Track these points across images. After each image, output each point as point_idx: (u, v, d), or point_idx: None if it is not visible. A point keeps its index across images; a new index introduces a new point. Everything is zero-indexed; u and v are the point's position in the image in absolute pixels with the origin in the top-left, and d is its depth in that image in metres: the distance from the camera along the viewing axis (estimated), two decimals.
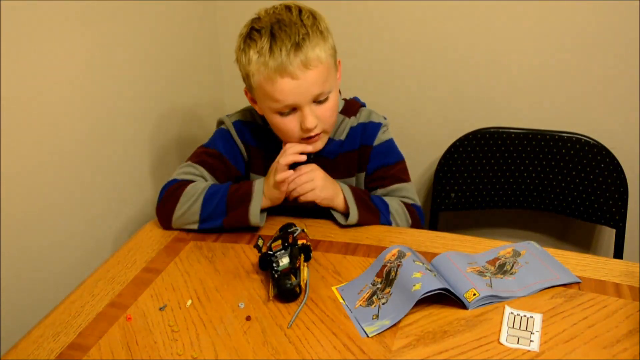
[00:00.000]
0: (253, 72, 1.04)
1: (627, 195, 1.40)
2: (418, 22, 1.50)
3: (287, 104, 1.04)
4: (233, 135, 1.20)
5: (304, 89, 1.02)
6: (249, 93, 1.13)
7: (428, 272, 0.91)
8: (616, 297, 0.91)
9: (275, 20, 1.03)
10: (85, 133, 1.20)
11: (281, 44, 1.00)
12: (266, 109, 1.08)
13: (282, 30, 1.02)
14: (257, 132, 1.21)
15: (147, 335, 0.87)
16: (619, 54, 1.38)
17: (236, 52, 1.09)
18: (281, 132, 1.10)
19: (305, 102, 1.04)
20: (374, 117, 1.21)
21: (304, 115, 1.05)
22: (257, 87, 1.05)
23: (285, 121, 1.07)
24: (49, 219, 1.13)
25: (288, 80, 1.01)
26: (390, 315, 0.87)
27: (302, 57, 1.00)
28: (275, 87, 1.02)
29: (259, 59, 1.02)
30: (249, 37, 1.05)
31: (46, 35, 1.07)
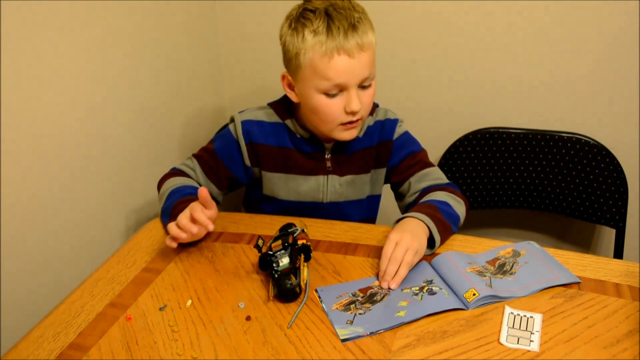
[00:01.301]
0: (306, 50, 1.04)
1: (627, 196, 1.40)
2: (418, 22, 1.50)
3: (338, 82, 1.04)
4: (236, 135, 1.19)
5: (357, 69, 1.04)
6: (288, 77, 1.12)
7: (414, 299, 0.90)
8: (616, 297, 0.91)
9: (329, 3, 1.05)
10: (85, 133, 1.20)
11: (339, 24, 1.02)
12: (311, 90, 1.07)
13: (338, 12, 1.04)
14: (271, 129, 1.19)
15: (147, 335, 0.87)
16: (619, 54, 1.38)
17: (283, 33, 1.09)
18: (323, 115, 1.09)
19: (354, 84, 1.05)
20: (389, 114, 1.23)
21: (351, 97, 1.06)
22: (308, 65, 1.05)
23: (330, 103, 1.07)
24: (49, 219, 1.13)
25: (345, 58, 1.03)
26: (365, 325, 0.87)
27: (357, 39, 1.03)
28: (331, 64, 1.03)
29: (315, 37, 1.03)
30: (302, 16, 1.05)
31: (46, 35, 1.07)
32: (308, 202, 1.22)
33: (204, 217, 0.99)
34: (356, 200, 1.24)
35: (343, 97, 1.07)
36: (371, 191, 1.25)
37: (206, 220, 0.99)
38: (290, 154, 1.19)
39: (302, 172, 1.20)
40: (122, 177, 1.32)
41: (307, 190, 1.21)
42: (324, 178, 1.20)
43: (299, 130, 1.17)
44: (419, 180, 1.19)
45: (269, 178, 1.21)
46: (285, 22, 1.09)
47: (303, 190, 1.21)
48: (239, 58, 1.69)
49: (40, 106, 1.08)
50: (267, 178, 1.21)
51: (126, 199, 1.35)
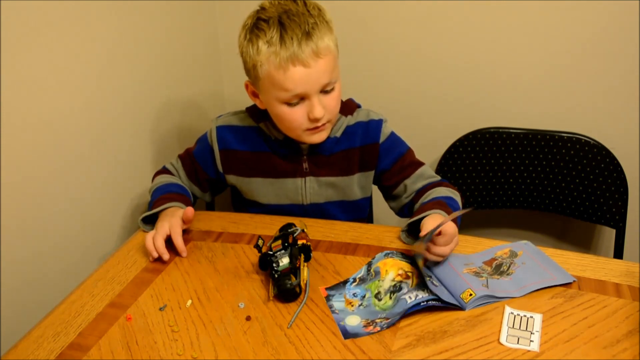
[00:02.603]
0: (262, 61, 1.03)
1: (627, 196, 1.40)
2: (418, 21, 1.50)
3: (297, 92, 1.03)
4: (210, 140, 1.20)
5: (314, 77, 1.03)
6: (251, 86, 1.12)
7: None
8: (616, 297, 0.91)
9: (282, 10, 1.03)
10: (85, 132, 1.20)
11: (292, 33, 1.00)
12: (272, 100, 1.07)
13: (291, 19, 1.01)
14: (246, 134, 1.19)
15: (147, 335, 0.87)
16: (619, 54, 1.38)
17: (240, 43, 1.08)
18: (287, 123, 1.09)
19: (314, 91, 1.04)
20: (372, 115, 1.20)
21: (313, 105, 1.05)
22: (266, 77, 1.04)
23: (292, 112, 1.06)
24: (48, 219, 1.13)
25: (300, 69, 1.01)
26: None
27: (312, 46, 1.01)
28: (287, 76, 1.01)
29: (269, 48, 1.01)
30: (256, 27, 1.04)
31: (46, 33, 1.07)
32: (289, 205, 1.21)
33: (181, 243, 1.06)
34: (341, 201, 1.22)
35: (305, 105, 1.06)
36: (361, 194, 1.24)
37: (182, 247, 1.06)
38: (267, 158, 1.18)
39: (280, 175, 1.19)
40: (122, 177, 1.32)
41: (286, 192, 1.20)
42: (302, 180, 1.19)
43: (273, 132, 1.16)
44: (415, 181, 1.19)
45: (247, 183, 1.21)
46: (242, 32, 1.07)
47: (282, 193, 1.20)
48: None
49: (40, 105, 1.08)
50: (245, 183, 1.21)
51: (126, 198, 1.35)
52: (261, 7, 1.07)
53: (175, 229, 1.07)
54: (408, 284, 0.90)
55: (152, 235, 1.06)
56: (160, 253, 1.04)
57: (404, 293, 0.89)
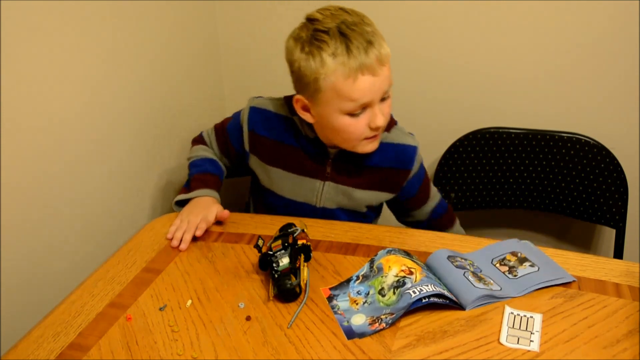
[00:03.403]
0: (327, 73, 1.01)
1: (627, 196, 1.40)
2: (418, 21, 1.50)
3: (363, 102, 1.03)
4: (242, 118, 1.22)
5: (379, 85, 1.03)
6: (303, 100, 1.08)
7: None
8: (616, 297, 0.91)
9: (339, 21, 1.02)
10: (85, 133, 1.20)
11: (357, 43, 0.99)
12: (333, 112, 1.05)
13: (352, 29, 1.01)
14: (277, 123, 1.19)
15: (147, 335, 0.87)
16: (619, 54, 1.38)
17: (296, 57, 1.04)
18: (348, 134, 1.07)
19: (377, 99, 1.04)
20: (409, 139, 1.20)
21: (375, 113, 1.05)
22: (330, 89, 1.02)
23: (355, 122, 1.05)
24: (49, 219, 1.12)
25: (368, 77, 1.01)
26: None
27: (377, 54, 1.01)
28: (355, 86, 1.01)
29: (336, 59, 1.00)
30: (315, 39, 1.01)
31: (46, 33, 1.07)
32: (302, 203, 1.21)
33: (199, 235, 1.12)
34: (351, 211, 1.22)
35: (367, 114, 1.05)
36: (373, 210, 1.25)
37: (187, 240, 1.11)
38: (293, 152, 1.18)
39: (301, 173, 1.19)
40: (122, 177, 1.32)
41: (302, 191, 1.20)
42: (321, 183, 1.19)
43: (306, 129, 1.15)
44: (430, 203, 1.25)
45: (267, 170, 1.21)
46: (295, 46, 1.05)
47: (299, 190, 1.20)
48: (239, 58, 1.69)
49: (40, 105, 1.08)
50: (265, 170, 1.21)
51: (126, 199, 1.35)
52: (312, 19, 1.04)
53: (202, 225, 1.12)
54: (412, 279, 0.90)
55: (183, 229, 1.11)
56: (182, 243, 1.10)
57: (407, 288, 0.89)
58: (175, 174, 1.54)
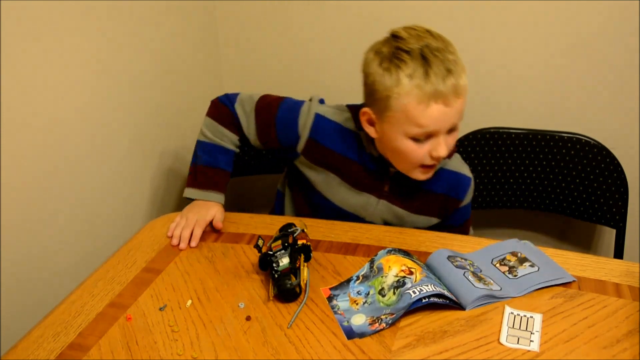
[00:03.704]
0: (400, 94, 0.98)
1: (627, 196, 1.40)
2: (418, 21, 1.50)
3: (430, 130, 1.00)
4: (303, 119, 1.13)
5: (450, 116, 1.00)
6: (370, 114, 1.05)
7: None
8: (616, 297, 0.91)
9: (424, 44, 0.98)
10: (85, 133, 1.20)
11: (436, 69, 0.97)
12: (398, 134, 1.02)
13: (434, 55, 0.98)
14: (341, 136, 1.14)
15: (147, 335, 0.87)
16: (619, 54, 1.38)
17: (373, 71, 1.02)
18: (407, 158, 1.05)
19: (444, 130, 1.01)
20: (465, 169, 1.19)
21: (439, 143, 1.02)
22: (400, 110, 0.99)
23: (417, 148, 1.02)
24: (49, 219, 1.13)
25: (440, 107, 0.98)
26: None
27: (454, 83, 0.98)
28: (426, 112, 0.98)
29: (412, 81, 0.97)
30: (396, 57, 0.99)
31: (46, 33, 1.07)
32: (350, 213, 1.19)
33: (199, 235, 1.12)
34: (390, 224, 1.21)
35: (430, 142, 1.02)
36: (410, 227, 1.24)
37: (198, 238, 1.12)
38: (352, 166, 1.14)
39: (357, 187, 1.16)
40: (122, 177, 1.32)
41: (354, 203, 1.17)
42: (376, 201, 1.16)
43: (371, 147, 1.12)
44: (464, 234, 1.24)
45: (320, 174, 1.16)
46: (374, 59, 1.02)
47: (351, 201, 1.17)
48: (239, 58, 1.69)
49: (40, 105, 1.08)
50: (318, 174, 1.16)
51: (127, 199, 1.35)
52: (397, 36, 1.01)
53: (201, 224, 1.13)
54: (412, 280, 0.90)
55: (182, 226, 1.12)
56: (181, 241, 1.11)
57: (407, 288, 0.89)
58: (176, 173, 1.54)
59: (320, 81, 1.64)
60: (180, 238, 1.11)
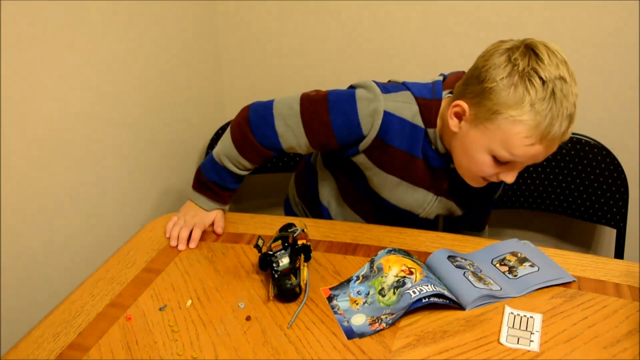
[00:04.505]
0: (513, 116, 0.91)
1: (627, 195, 1.40)
2: (418, 21, 1.50)
3: (515, 160, 0.96)
4: (366, 118, 1.04)
5: (540, 157, 0.96)
6: (466, 110, 0.97)
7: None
8: (616, 297, 0.91)
9: (559, 76, 0.90)
10: (85, 132, 1.20)
11: (560, 112, 0.90)
12: (481, 146, 0.97)
13: (564, 95, 0.90)
14: (409, 132, 1.06)
15: (147, 335, 0.87)
16: (619, 55, 1.38)
17: (498, 76, 0.92)
18: (475, 167, 1.00)
19: (525, 165, 0.99)
20: None
21: (512, 174, 0.99)
22: (502, 129, 0.93)
23: (492, 165, 0.98)
24: (49, 219, 1.13)
25: (541, 148, 0.93)
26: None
27: (564, 131, 0.93)
28: (527, 148, 0.92)
29: (532, 111, 0.90)
30: (529, 79, 0.90)
31: (46, 34, 1.07)
32: (406, 211, 1.16)
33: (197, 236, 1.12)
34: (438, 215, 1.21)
35: (504, 167, 0.98)
36: None
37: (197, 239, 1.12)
38: (415, 162, 1.08)
39: (417, 184, 1.11)
40: (121, 177, 1.32)
41: (411, 201, 1.13)
42: (434, 197, 1.13)
43: (439, 144, 1.06)
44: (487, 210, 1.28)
45: (378, 174, 1.10)
46: (505, 65, 0.92)
47: (408, 199, 1.13)
48: (239, 58, 1.69)
49: (40, 105, 1.08)
50: (376, 174, 1.10)
51: (126, 198, 1.35)
52: (538, 55, 0.92)
53: (200, 227, 1.13)
54: (412, 280, 0.90)
55: (180, 225, 1.13)
56: (179, 243, 1.11)
57: (407, 288, 0.89)
58: (176, 174, 1.54)
59: (321, 81, 1.64)
60: (179, 239, 1.11)
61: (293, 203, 1.38)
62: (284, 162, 1.63)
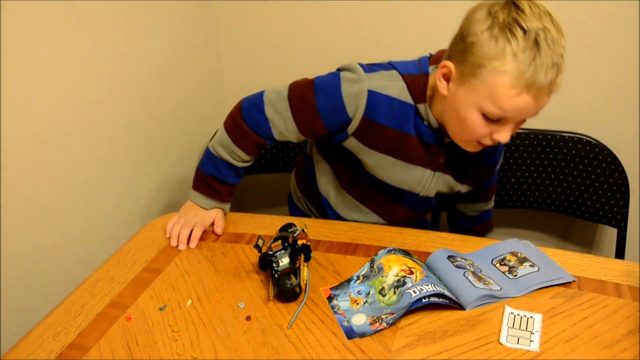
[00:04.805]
0: (497, 69, 0.90)
1: (628, 195, 1.40)
2: (418, 21, 1.50)
3: (506, 115, 0.94)
4: (351, 100, 1.04)
5: (531, 110, 0.94)
6: (453, 71, 0.97)
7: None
8: (616, 297, 0.91)
9: (542, 26, 0.90)
10: (85, 133, 1.20)
11: (545, 59, 0.89)
12: (470, 104, 0.95)
13: (548, 44, 0.90)
14: (397, 110, 1.05)
15: (147, 335, 0.87)
16: (620, 54, 1.38)
17: (478, 28, 0.92)
18: (467, 130, 0.99)
19: (517, 120, 0.97)
20: None
21: (505, 130, 0.97)
22: (487, 83, 0.92)
23: (483, 125, 0.96)
24: (49, 219, 1.13)
25: (528, 99, 0.91)
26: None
27: (552, 80, 0.91)
28: (513, 99, 0.91)
29: (515, 61, 0.89)
30: (509, 29, 0.90)
31: (45, 35, 1.07)
32: (405, 191, 1.14)
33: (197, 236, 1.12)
34: (442, 195, 1.20)
35: (497, 125, 0.96)
36: None
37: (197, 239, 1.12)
38: (407, 140, 1.07)
39: (412, 161, 1.10)
40: (121, 176, 1.32)
41: (409, 179, 1.12)
42: (431, 174, 1.12)
43: (431, 118, 1.05)
44: (489, 204, 1.30)
45: (372, 156, 1.10)
46: (485, 20, 0.92)
47: (405, 178, 1.12)
48: (239, 58, 1.69)
49: (40, 104, 1.08)
50: (370, 155, 1.10)
51: (126, 198, 1.35)
52: (518, 6, 0.91)
53: (201, 227, 1.13)
54: (412, 279, 0.90)
55: (180, 224, 1.13)
56: (179, 242, 1.11)
57: (408, 288, 0.89)
58: (176, 173, 1.54)
59: None
60: (179, 238, 1.11)
61: (295, 197, 1.38)
62: (284, 162, 1.63)
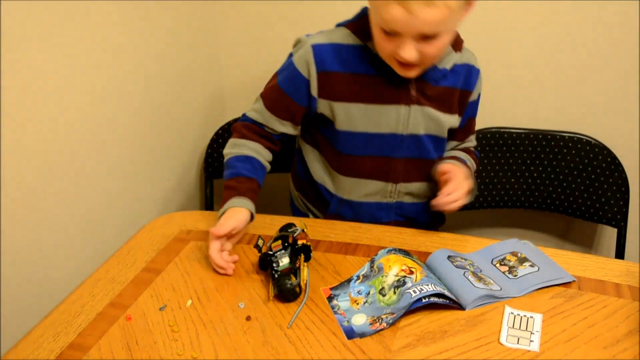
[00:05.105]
0: None
1: (628, 195, 1.40)
2: None
3: (392, 28, 0.95)
4: (301, 63, 1.10)
5: (412, 22, 0.93)
6: None
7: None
8: (616, 297, 0.91)
9: None
10: (85, 133, 1.20)
11: None
12: (374, 22, 1.00)
13: None
14: (350, 54, 1.09)
15: (147, 335, 0.87)
16: (620, 54, 1.38)
17: None
18: (379, 48, 1.03)
19: (409, 34, 0.95)
20: (475, 62, 1.16)
21: (404, 45, 0.97)
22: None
23: (385, 40, 0.99)
24: (49, 219, 1.13)
25: (400, 10, 0.91)
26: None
27: None
28: (386, 9, 0.93)
29: None
30: None
31: (46, 35, 1.07)
32: (386, 135, 1.12)
33: (223, 263, 1.00)
34: (436, 137, 1.16)
35: (397, 40, 0.97)
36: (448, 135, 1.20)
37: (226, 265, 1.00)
38: (371, 81, 1.08)
39: (384, 101, 1.09)
40: (121, 176, 1.32)
41: (387, 120, 1.11)
42: (407, 108, 1.10)
43: None
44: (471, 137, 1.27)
45: (344, 109, 1.10)
46: None
47: (383, 120, 1.11)
48: (239, 57, 1.69)
49: (40, 104, 1.08)
50: (342, 109, 1.10)
51: (126, 198, 1.35)
52: None
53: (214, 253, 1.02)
54: (412, 279, 0.90)
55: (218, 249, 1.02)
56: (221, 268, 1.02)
57: (408, 287, 0.89)
58: (176, 173, 1.54)
59: None
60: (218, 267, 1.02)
61: (294, 197, 1.38)
62: (284, 162, 1.63)
